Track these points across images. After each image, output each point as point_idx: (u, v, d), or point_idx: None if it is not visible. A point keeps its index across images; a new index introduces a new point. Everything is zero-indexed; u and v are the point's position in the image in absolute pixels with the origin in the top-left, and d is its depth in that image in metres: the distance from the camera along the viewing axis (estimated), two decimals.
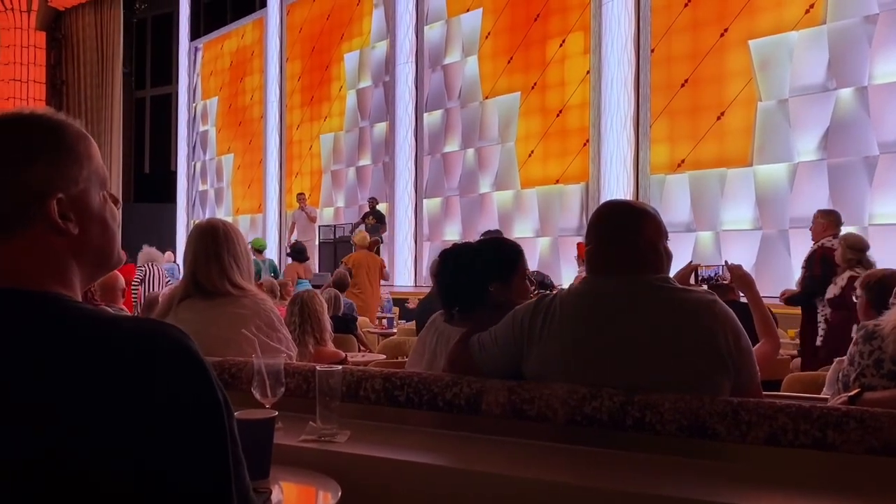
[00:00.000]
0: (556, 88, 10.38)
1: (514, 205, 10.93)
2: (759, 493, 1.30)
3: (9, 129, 0.85)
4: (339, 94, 13.86)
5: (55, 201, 0.83)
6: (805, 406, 1.44)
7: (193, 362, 0.77)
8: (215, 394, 0.77)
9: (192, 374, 0.76)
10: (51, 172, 0.84)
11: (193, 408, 0.75)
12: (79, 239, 0.85)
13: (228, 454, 0.76)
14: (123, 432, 0.72)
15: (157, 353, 0.75)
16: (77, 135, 0.88)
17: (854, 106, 7.84)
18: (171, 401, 0.74)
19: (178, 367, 0.76)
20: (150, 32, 20.23)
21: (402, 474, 1.50)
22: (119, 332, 0.77)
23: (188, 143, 17.82)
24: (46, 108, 0.89)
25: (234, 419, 0.78)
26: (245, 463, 0.79)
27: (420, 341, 2.36)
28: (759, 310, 2.55)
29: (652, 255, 1.75)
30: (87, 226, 0.86)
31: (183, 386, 0.75)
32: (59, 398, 0.72)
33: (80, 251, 0.86)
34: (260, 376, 1.65)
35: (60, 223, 0.83)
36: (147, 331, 0.78)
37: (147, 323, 0.80)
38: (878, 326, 1.55)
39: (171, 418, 0.73)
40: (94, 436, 0.71)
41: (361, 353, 5.13)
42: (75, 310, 0.80)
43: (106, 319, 0.79)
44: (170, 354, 0.76)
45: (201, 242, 2.24)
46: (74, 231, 0.84)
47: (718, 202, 8.81)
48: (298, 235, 11.64)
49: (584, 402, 1.57)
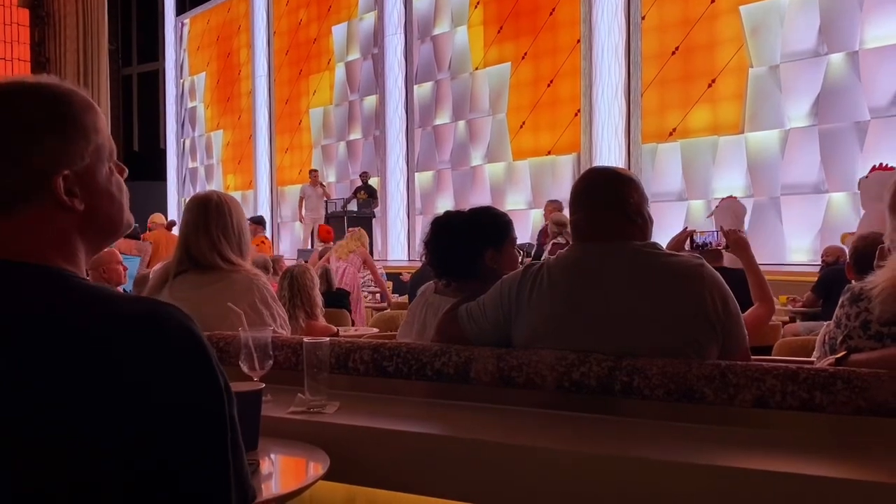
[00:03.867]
0: (547, 58, 10.30)
1: (506, 177, 10.90)
2: (747, 455, 1.31)
3: (14, 103, 0.82)
4: (327, 68, 13.73)
5: (61, 178, 0.81)
6: (792, 368, 1.44)
7: (194, 347, 0.74)
8: (217, 383, 0.75)
9: (192, 360, 0.74)
10: (57, 149, 0.81)
11: (193, 396, 0.73)
12: (85, 214, 0.83)
13: (227, 443, 0.74)
14: (120, 415, 0.70)
15: (156, 336, 0.73)
16: (84, 106, 0.85)
17: (845, 71, 7.80)
18: (170, 387, 0.72)
19: (178, 352, 0.73)
20: (136, 8, 19.93)
21: (390, 444, 1.50)
22: (120, 311, 0.75)
23: (177, 120, 17.66)
24: (52, 77, 0.86)
25: (234, 404, 0.76)
26: (243, 445, 0.78)
27: (410, 312, 2.36)
28: (754, 274, 2.55)
29: (640, 221, 1.74)
30: (94, 201, 0.84)
31: (182, 372, 0.73)
32: (53, 379, 0.70)
33: (85, 226, 0.84)
34: (247, 349, 1.64)
35: (66, 200, 0.81)
36: (148, 312, 0.75)
37: (149, 304, 0.77)
38: (865, 288, 1.54)
39: (169, 405, 0.71)
40: (88, 416, 0.69)
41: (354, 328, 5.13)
42: (77, 287, 0.78)
43: (107, 297, 0.77)
44: (170, 338, 0.74)
45: (191, 214, 2.24)
46: (80, 207, 0.82)
47: (710, 170, 8.80)
48: (308, 211, 11.67)
49: (573, 369, 1.57)
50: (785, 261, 8.01)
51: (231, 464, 0.75)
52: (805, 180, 8.12)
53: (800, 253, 8.11)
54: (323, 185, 11.98)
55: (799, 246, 8.17)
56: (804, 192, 8.11)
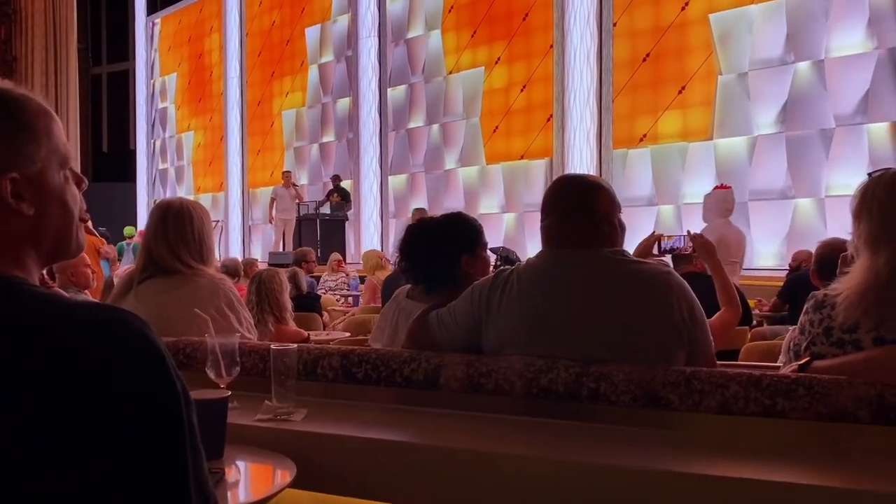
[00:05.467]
0: (520, 63, 10.35)
1: (479, 181, 10.92)
2: (712, 460, 1.32)
3: None
4: (300, 69, 13.65)
5: (8, 181, 0.80)
6: (755, 375, 1.46)
7: (152, 353, 0.74)
8: (174, 386, 0.74)
9: (149, 366, 0.73)
10: (5, 150, 0.81)
11: (151, 403, 0.72)
12: (35, 220, 0.82)
13: (187, 449, 0.74)
14: (75, 426, 0.69)
15: (113, 343, 0.72)
16: (37, 111, 0.85)
17: (811, 79, 7.94)
18: (127, 395, 0.71)
19: (135, 358, 0.73)
20: (106, 7, 19.64)
21: (358, 451, 1.49)
22: (74, 319, 0.74)
23: (147, 121, 17.44)
24: (6, 83, 0.86)
25: (192, 409, 0.76)
26: (203, 450, 0.77)
27: (382, 316, 2.37)
28: (720, 278, 2.58)
29: (607, 228, 1.76)
30: (45, 207, 0.83)
31: (140, 379, 0.72)
32: (5, 388, 0.68)
33: (36, 233, 0.82)
34: (214, 356, 1.62)
35: (13, 203, 0.80)
36: (103, 319, 0.74)
37: (104, 310, 0.77)
38: (828, 296, 1.57)
39: (127, 413, 0.71)
40: (43, 428, 0.68)
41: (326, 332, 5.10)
42: (28, 293, 0.76)
43: (60, 305, 0.75)
44: (127, 345, 0.73)
45: (153, 220, 2.29)
46: (29, 212, 0.81)
47: (680, 176, 8.91)
48: (278, 212, 11.59)
49: (541, 375, 1.58)
50: (752, 265, 8.12)
51: (190, 467, 0.74)
52: (772, 186, 8.25)
53: (767, 258, 8.24)
54: (296, 187, 11.90)
55: (766, 251, 8.30)
56: (771, 197, 8.24)
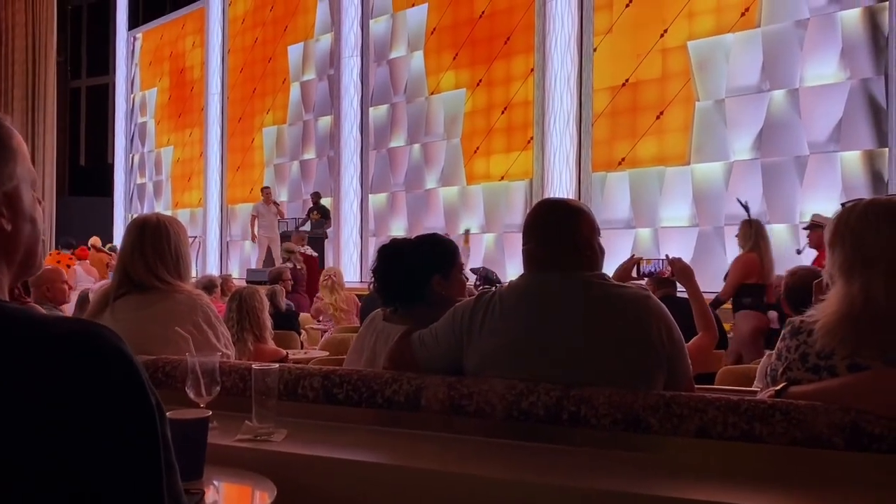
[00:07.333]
0: (501, 86, 10.44)
1: (459, 201, 10.96)
2: (689, 484, 1.34)
3: None
4: (282, 87, 13.66)
5: None
6: (733, 399, 1.48)
7: (125, 367, 0.73)
8: (147, 400, 0.74)
9: (123, 379, 0.73)
10: None
11: (124, 416, 0.72)
12: (11, 236, 0.82)
13: (161, 464, 0.73)
14: (47, 441, 0.68)
15: (85, 357, 0.72)
16: (10, 132, 0.86)
17: (786, 107, 8.10)
18: (101, 408, 0.71)
19: (108, 372, 0.72)
20: (87, 21, 19.54)
21: (338, 473, 1.49)
22: (46, 333, 0.73)
23: (126, 135, 17.31)
24: None
25: (166, 423, 0.76)
26: (177, 467, 0.77)
27: (358, 339, 2.31)
28: (698, 302, 2.61)
29: (588, 252, 1.79)
30: (20, 224, 0.84)
31: (113, 393, 0.72)
32: None
33: (9, 249, 0.83)
34: (194, 375, 1.61)
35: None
36: (76, 333, 0.74)
37: (77, 324, 0.76)
38: (805, 322, 1.60)
39: (100, 427, 0.70)
40: (15, 445, 0.67)
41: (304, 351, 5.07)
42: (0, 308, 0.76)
43: (33, 320, 0.75)
44: (100, 358, 0.72)
45: (129, 236, 2.27)
46: (7, 228, 0.82)
47: (657, 199, 9.01)
48: (262, 230, 11.51)
49: (522, 398, 1.59)
50: None
51: (164, 483, 0.74)
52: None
53: None
54: (276, 204, 11.85)
55: None
56: None
